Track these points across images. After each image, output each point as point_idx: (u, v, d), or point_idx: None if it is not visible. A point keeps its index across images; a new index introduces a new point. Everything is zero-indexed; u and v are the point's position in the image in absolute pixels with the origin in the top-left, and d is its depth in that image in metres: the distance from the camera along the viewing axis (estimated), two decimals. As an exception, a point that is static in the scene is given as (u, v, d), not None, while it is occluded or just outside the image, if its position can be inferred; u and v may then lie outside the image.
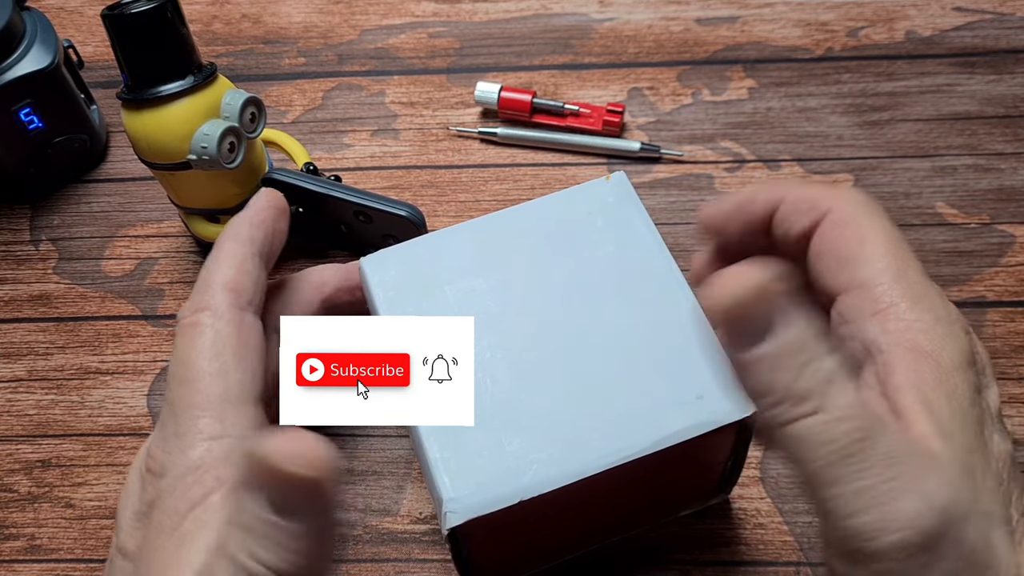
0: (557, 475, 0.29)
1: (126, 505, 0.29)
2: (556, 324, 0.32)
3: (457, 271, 0.33)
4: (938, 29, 0.52)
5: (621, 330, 0.31)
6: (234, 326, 0.30)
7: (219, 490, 0.27)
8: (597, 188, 0.35)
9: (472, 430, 0.29)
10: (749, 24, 0.53)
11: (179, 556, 0.26)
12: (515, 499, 0.28)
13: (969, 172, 0.47)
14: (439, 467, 0.29)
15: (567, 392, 0.30)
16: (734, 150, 0.48)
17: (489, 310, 0.32)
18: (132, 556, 0.28)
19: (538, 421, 0.30)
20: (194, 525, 0.27)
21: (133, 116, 0.39)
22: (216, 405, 0.29)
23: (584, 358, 0.31)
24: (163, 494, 0.28)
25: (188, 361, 0.30)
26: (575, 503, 0.30)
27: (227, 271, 0.31)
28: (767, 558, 0.37)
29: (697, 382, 0.30)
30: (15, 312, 0.45)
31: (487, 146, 0.49)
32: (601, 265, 0.33)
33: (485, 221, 0.34)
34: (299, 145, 0.47)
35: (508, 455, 0.29)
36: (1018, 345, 0.42)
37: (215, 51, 0.54)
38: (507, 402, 0.30)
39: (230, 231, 0.33)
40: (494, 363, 0.31)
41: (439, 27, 0.54)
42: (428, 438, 0.30)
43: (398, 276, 0.33)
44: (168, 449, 0.29)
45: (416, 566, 0.38)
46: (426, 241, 0.34)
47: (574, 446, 0.29)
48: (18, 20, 0.45)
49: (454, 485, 0.29)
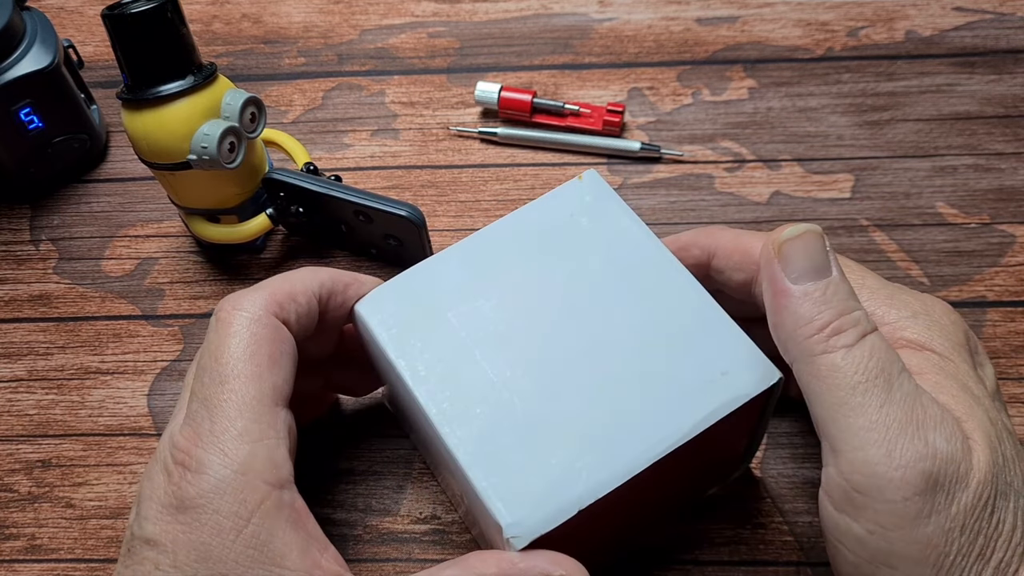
0: (608, 477, 0.29)
1: (151, 496, 0.29)
2: (567, 329, 0.32)
3: (455, 296, 0.33)
4: (938, 29, 0.52)
5: (631, 322, 0.31)
6: (271, 330, 0.31)
7: (271, 496, 0.29)
8: (572, 189, 0.35)
9: (513, 450, 0.29)
10: (749, 24, 0.53)
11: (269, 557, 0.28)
12: (574, 510, 0.28)
13: (969, 172, 0.47)
14: (490, 495, 0.29)
15: (595, 394, 0.30)
16: (734, 150, 0.48)
17: (497, 329, 0.32)
18: (163, 547, 0.28)
19: (575, 428, 0.30)
20: (261, 529, 0.28)
21: (133, 116, 0.39)
22: (253, 407, 0.29)
23: (603, 357, 0.31)
24: (208, 494, 0.28)
25: (223, 358, 0.30)
26: (623, 501, 0.30)
27: (281, 286, 0.32)
28: (767, 557, 0.37)
29: (718, 359, 0.30)
30: (15, 312, 0.46)
31: (487, 146, 0.49)
32: (596, 263, 0.33)
33: (471, 241, 0.34)
34: (299, 145, 0.47)
35: (554, 468, 0.29)
36: (1018, 345, 0.42)
37: (215, 51, 0.54)
38: (539, 416, 0.30)
39: (311, 267, 0.34)
40: (516, 381, 0.31)
41: (439, 27, 0.54)
42: (471, 468, 0.29)
43: (397, 312, 0.32)
44: (204, 446, 0.29)
45: (416, 566, 0.38)
46: (417, 272, 0.33)
47: (617, 446, 0.29)
48: (18, 20, 0.45)
49: (510, 510, 0.28)
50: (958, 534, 0.26)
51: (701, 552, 0.37)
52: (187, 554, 0.28)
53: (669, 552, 0.37)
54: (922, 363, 0.29)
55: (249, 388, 0.30)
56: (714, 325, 0.31)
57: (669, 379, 0.30)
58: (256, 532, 0.28)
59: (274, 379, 0.30)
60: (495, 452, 0.29)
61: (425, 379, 0.31)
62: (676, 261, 0.33)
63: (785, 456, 0.39)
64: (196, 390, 0.30)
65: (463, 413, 0.30)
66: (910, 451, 0.26)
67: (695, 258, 0.35)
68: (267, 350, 0.30)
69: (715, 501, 0.38)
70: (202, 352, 0.31)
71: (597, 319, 0.32)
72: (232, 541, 0.28)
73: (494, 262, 0.33)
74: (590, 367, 0.31)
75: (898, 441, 0.26)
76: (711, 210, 0.46)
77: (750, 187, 0.47)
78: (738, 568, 0.37)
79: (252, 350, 0.30)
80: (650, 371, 0.31)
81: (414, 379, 0.31)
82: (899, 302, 0.31)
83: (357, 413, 0.42)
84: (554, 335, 0.31)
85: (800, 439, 0.39)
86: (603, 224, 0.34)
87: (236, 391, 0.30)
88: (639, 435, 0.29)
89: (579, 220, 0.34)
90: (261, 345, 0.30)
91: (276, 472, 0.29)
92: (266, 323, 0.31)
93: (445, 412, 0.30)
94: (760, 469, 0.39)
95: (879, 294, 0.31)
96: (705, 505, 0.38)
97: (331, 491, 0.39)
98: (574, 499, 0.28)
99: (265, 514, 0.28)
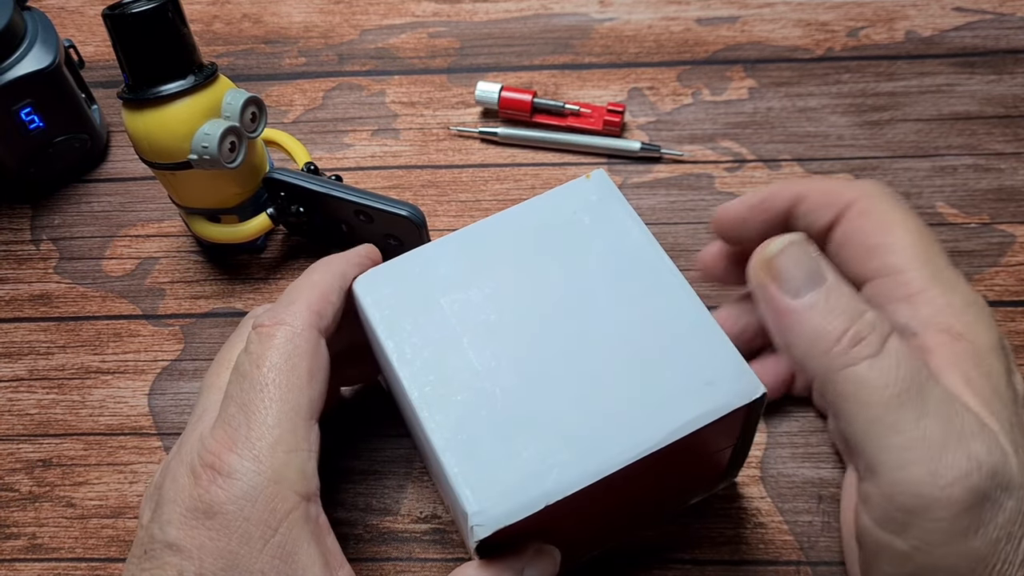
0: (578, 476, 0.29)
1: (174, 499, 0.29)
2: (557, 326, 0.32)
3: (451, 283, 0.33)
4: (938, 29, 0.52)
5: (622, 325, 0.31)
6: (312, 344, 0.31)
7: (299, 508, 0.29)
8: (579, 187, 0.35)
9: (488, 440, 0.29)
10: (749, 24, 0.53)
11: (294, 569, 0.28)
12: (540, 505, 0.28)
13: (969, 172, 0.47)
14: (460, 481, 0.29)
15: (577, 392, 0.30)
16: (734, 150, 0.48)
17: (488, 319, 0.32)
18: (189, 553, 0.28)
19: (552, 424, 0.30)
20: (287, 539, 0.28)
21: (134, 116, 0.40)
22: (291, 418, 0.30)
23: (589, 357, 0.31)
24: (239, 500, 0.28)
25: (264, 366, 0.30)
26: (595, 502, 0.30)
27: (313, 294, 0.32)
28: (767, 557, 0.37)
29: (705, 368, 0.30)
30: (16, 312, 0.46)
31: (487, 146, 0.49)
32: (593, 263, 0.33)
33: (472, 230, 0.34)
34: (300, 145, 0.47)
35: (526, 461, 0.29)
36: (1018, 345, 0.42)
37: (216, 51, 0.54)
38: (518, 409, 0.30)
39: (324, 261, 0.34)
40: (500, 371, 0.31)
41: (439, 27, 0.54)
42: (445, 452, 0.29)
43: (392, 294, 0.33)
44: (239, 451, 0.29)
45: (416, 565, 0.38)
46: (416, 255, 0.34)
47: (592, 445, 0.29)
48: (19, 20, 0.45)
49: (477, 498, 0.28)
50: (1004, 543, 0.25)
51: (701, 552, 0.37)
52: (213, 562, 0.28)
53: (669, 551, 0.37)
54: (957, 352, 0.28)
55: (288, 398, 0.30)
56: (704, 334, 0.31)
57: (652, 384, 0.30)
58: (283, 542, 0.28)
59: (311, 393, 0.30)
60: (470, 440, 0.29)
61: (410, 361, 0.31)
62: (674, 267, 0.33)
63: (785, 456, 0.39)
64: (234, 394, 0.30)
65: (443, 398, 0.30)
66: (954, 467, 0.25)
67: (782, 205, 0.33)
68: (307, 364, 0.31)
69: (715, 501, 0.38)
70: (240, 359, 0.31)
71: (588, 318, 0.32)
72: (259, 550, 0.28)
73: (492, 253, 0.33)
74: (575, 365, 0.31)
75: (941, 458, 0.25)
76: (711, 210, 0.46)
77: (750, 187, 0.47)
78: (738, 568, 0.37)
79: (293, 363, 0.30)
80: (634, 374, 0.30)
81: (400, 360, 0.31)
82: (957, 289, 0.29)
83: (357, 412, 0.42)
84: (543, 330, 0.32)
85: (800, 439, 0.39)
86: (605, 224, 0.34)
87: (276, 399, 0.30)
88: (615, 437, 0.29)
89: (581, 218, 0.34)
90: (302, 359, 0.31)
91: (306, 484, 0.29)
92: (307, 337, 0.31)
93: (426, 396, 0.30)
94: (760, 469, 0.39)
95: (942, 275, 0.30)
96: (706, 505, 0.38)
97: (331, 490, 0.39)
98: (542, 494, 0.28)
99: (292, 525, 0.28)
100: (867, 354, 0.26)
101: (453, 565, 0.38)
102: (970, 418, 0.26)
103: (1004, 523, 0.25)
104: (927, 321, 0.28)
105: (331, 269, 0.33)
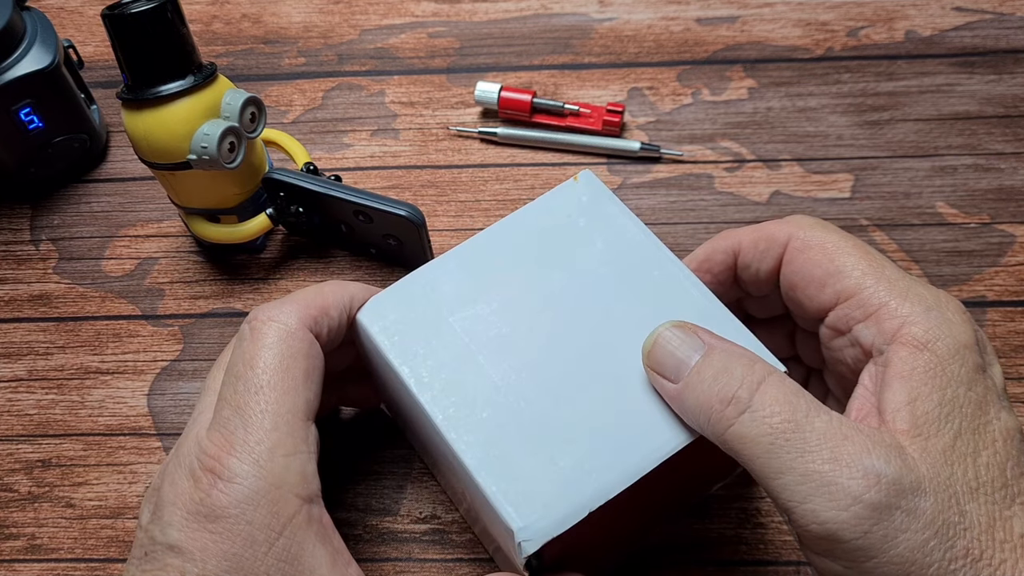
0: (617, 479, 0.28)
1: (174, 501, 0.29)
2: (570, 331, 0.31)
3: (457, 301, 0.32)
4: (938, 29, 0.52)
5: (633, 321, 0.31)
6: (306, 344, 0.31)
7: (302, 510, 0.29)
8: (569, 190, 0.34)
9: (521, 454, 0.29)
10: (749, 24, 0.53)
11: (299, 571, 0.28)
12: (584, 512, 0.28)
13: (969, 172, 0.47)
14: (500, 499, 0.28)
15: (601, 395, 0.30)
16: (734, 150, 0.48)
17: (500, 333, 0.31)
18: (191, 555, 0.28)
19: (581, 430, 0.29)
20: (292, 542, 0.28)
21: (133, 116, 0.39)
22: (288, 420, 0.29)
23: (606, 357, 0.31)
24: (241, 504, 0.28)
25: (258, 367, 0.30)
26: (629, 502, 0.30)
27: (314, 299, 0.32)
28: (767, 557, 0.37)
29: None
30: (15, 312, 0.46)
31: (487, 146, 0.49)
32: (596, 264, 0.33)
33: (469, 245, 0.34)
34: (299, 145, 0.47)
35: (563, 470, 0.29)
36: (1018, 345, 0.42)
37: (215, 51, 0.54)
38: (545, 419, 0.30)
39: (338, 280, 0.34)
40: (521, 384, 0.30)
41: (439, 27, 0.54)
42: (480, 472, 0.29)
43: (399, 319, 0.32)
44: (238, 455, 0.29)
45: (416, 565, 0.38)
46: (415, 278, 0.33)
47: (625, 446, 0.29)
48: (18, 20, 0.45)
49: (520, 513, 0.28)
50: (934, 541, 0.25)
51: (701, 552, 0.37)
52: (217, 564, 0.28)
53: (669, 551, 0.37)
54: (916, 365, 0.28)
55: (284, 400, 0.30)
56: (718, 321, 0.31)
57: None
58: (287, 545, 0.28)
59: (307, 393, 0.30)
60: (503, 456, 0.29)
61: (429, 385, 0.31)
62: (675, 259, 0.33)
63: (785, 456, 0.39)
64: (228, 396, 0.30)
65: (469, 418, 0.30)
66: (850, 489, 0.25)
67: (721, 263, 0.34)
68: (302, 364, 0.30)
69: (715, 501, 0.38)
70: (234, 359, 0.31)
71: (600, 320, 0.31)
72: (264, 553, 0.28)
73: (493, 266, 0.33)
74: (594, 368, 0.31)
75: (834, 483, 0.25)
76: (711, 210, 0.46)
77: (750, 187, 0.47)
78: (738, 568, 0.37)
79: (288, 363, 0.30)
80: None
81: (418, 386, 0.31)
82: (914, 296, 0.30)
83: (357, 413, 0.42)
84: (557, 337, 0.31)
85: (800, 439, 0.39)
86: (600, 224, 0.34)
87: (272, 402, 0.29)
88: (646, 435, 0.29)
89: (577, 221, 0.34)
90: (296, 359, 0.30)
91: (307, 486, 0.29)
92: (301, 337, 0.31)
93: (451, 418, 0.30)
94: (760, 469, 0.39)
95: (897, 286, 0.30)
96: (706, 505, 0.38)
97: (331, 490, 0.39)
98: (584, 501, 0.28)
99: (296, 527, 0.28)
100: (740, 411, 0.27)
101: (453, 565, 0.38)
102: (861, 438, 0.26)
103: (926, 524, 0.25)
104: (891, 336, 0.29)
105: (343, 286, 0.33)
